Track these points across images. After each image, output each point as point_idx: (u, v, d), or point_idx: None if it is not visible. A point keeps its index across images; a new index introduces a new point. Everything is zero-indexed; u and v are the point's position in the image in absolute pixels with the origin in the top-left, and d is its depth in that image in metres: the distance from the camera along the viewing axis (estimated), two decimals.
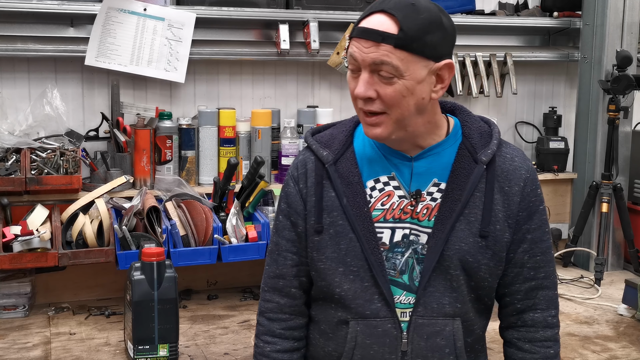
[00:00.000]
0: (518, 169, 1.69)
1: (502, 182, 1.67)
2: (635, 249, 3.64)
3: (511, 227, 1.68)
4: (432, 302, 1.65)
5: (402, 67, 1.54)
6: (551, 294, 1.74)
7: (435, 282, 1.65)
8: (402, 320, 1.66)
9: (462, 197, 1.64)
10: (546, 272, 1.73)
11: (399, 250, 1.67)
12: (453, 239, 1.64)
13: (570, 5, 3.84)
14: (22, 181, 2.88)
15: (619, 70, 3.49)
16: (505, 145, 1.72)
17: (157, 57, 3.23)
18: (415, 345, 1.65)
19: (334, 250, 1.67)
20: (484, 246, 1.65)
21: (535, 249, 1.71)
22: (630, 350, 2.69)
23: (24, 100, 3.19)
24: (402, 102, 1.58)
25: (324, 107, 3.57)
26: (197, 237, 2.95)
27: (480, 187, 1.66)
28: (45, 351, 2.59)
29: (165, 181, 3.23)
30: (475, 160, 1.66)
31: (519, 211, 1.68)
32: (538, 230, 1.71)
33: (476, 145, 1.68)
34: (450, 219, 1.64)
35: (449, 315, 1.66)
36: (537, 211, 1.70)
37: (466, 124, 1.72)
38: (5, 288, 2.93)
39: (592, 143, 3.75)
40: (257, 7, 3.38)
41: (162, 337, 2.45)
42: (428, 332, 1.65)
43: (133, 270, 2.45)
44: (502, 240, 1.67)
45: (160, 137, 3.24)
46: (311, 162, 1.72)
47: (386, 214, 1.67)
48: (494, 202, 1.66)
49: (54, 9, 3.10)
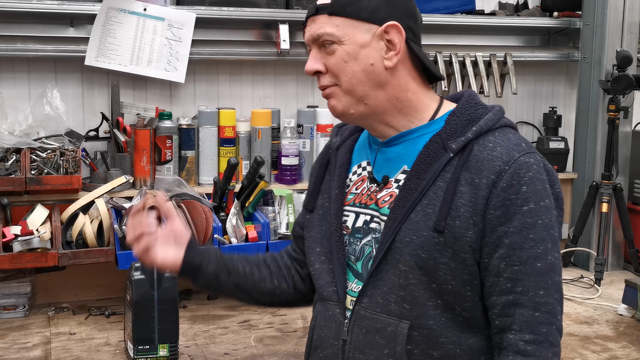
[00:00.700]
0: (494, 159, 1.45)
1: (473, 173, 1.46)
2: (635, 249, 3.64)
3: (477, 225, 1.45)
4: (378, 296, 1.52)
5: (338, 32, 1.52)
6: (527, 314, 1.44)
7: (385, 276, 1.51)
8: (349, 308, 1.57)
9: (420, 186, 1.49)
10: (524, 287, 1.44)
11: (358, 236, 1.59)
12: (405, 230, 1.48)
13: (570, 5, 3.84)
14: (22, 181, 2.88)
15: (619, 70, 3.49)
16: (498, 134, 1.50)
17: (157, 57, 3.23)
18: (354, 337, 1.55)
19: (317, 230, 1.67)
20: (441, 242, 1.46)
21: (513, 256, 1.44)
22: (630, 350, 2.69)
23: (24, 100, 3.19)
24: (346, 67, 1.52)
25: (324, 107, 3.56)
26: (197, 237, 2.94)
27: (446, 177, 1.47)
28: (45, 351, 2.59)
29: (165, 181, 3.23)
30: (445, 148, 1.49)
31: (489, 209, 1.44)
32: (517, 235, 1.44)
33: (453, 132, 1.51)
34: (404, 208, 1.49)
35: (394, 314, 1.49)
36: (519, 212, 1.44)
37: (457, 110, 1.55)
38: (5, 288, 2.93)
39: (592, 143, 3.75)
40: (257, 7, 3.38)
41: (162, 337, 2.45)
42: (367, 327, 1.53)
43: (133, 270, 2.45)
44: (464, 238, 1.45)
45: (160, 137, 3.24)
46: (325, 148, 1.76)
47: (355, 199, 1.63)
48: (456, 194, 1.45)
49: (54, 9, 3.10)
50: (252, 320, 2.92)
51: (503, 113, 1.56)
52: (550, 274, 1.46)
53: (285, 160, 3.41)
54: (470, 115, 1.53)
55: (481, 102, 1.57)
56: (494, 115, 1.53)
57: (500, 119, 1.53)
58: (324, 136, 3.47)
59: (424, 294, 1.48)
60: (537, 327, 1.45)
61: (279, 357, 2.58)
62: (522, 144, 1.49)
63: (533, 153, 1.48)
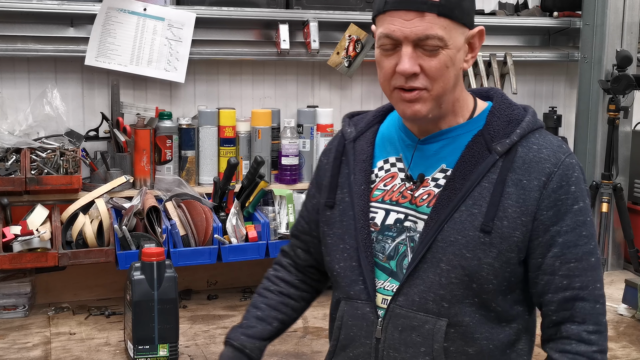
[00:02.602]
0: (543, 161, 1.49)
1: (520, 175, 1.49)
2: (635, 249, 3.64)
3: (526, 225, 1.48)
4: (415, 294, 1.52)
5: (446, 36, 1.44)
6: (589, 307, 1.50)
7: (424, 274, 1.51)
8: (381, 306, 1.56)
9: (465, 186, 1.49)
10: (582, 282, 1.50)
11: (390, 234, 1.58)
12: (449, 230, 1.49)
13: (570, 5, 3.84)
14: (22, 181, 2.88)
15: (619, 70, 3.49)
16: (539, 136, 1.53)
17: (157, 57, 3.23)
18: (389, 335, 1.55)
19: (339, 226, 1.63)
20: (487, 243, 1.47)
21: (568, 254, 1.49)
22: (630, 350, 2.69)
23: (24, 100, 3.19)
24: (446, 74, 1.47)
25: (324, 107, 3.57)
26: (197, 237, 2.95)
27: (492, 178, 1.49)
28: (45, 351, 2.59)
29: (165, 181, 3.23)
30: (489, 150, 1.51)
31: (541, 209, 1.48)
32: (571, 233, 1.49)
33: (496, 134, 1.52)
34: (448, 208, 1.49)
35: (431, 312, 1.51)
36: (570, 211, 1.49)
37: (495, 110, 1.56)
38: (5, 288, 2.93)
39: (592, 143, 3.75)
40: (257, 7, 3.38)
41: (162, 337, 2.45)
42: (403, 325, 1.53)
43: (133, 270, 2.45)
44: (511, 238, 1.48)
45: (160, 137, 3.24)
46: (337, 139, 1.71)
47: (385, 195, 1.60)
48: (504, 195, 1.48)
49: (54, 9, 3.10)
50: None
51: (536, 113, 1.59)
52: (601, 268, 1.55)
53: (285, 160, 3.41)
54: (509, 116, 1.54)
55: (514, 102, 1.59)
56: (533, 117, 1.55)
57: (537, 120, 1.57)
58: (324, 136, 3.47)
59: (463, 292, 1.50)
60: (599, 318, 1.52)
61: (279, 357, 2.58)
62: (562, 145, 1.54)
63: (573, 154, 1.54)
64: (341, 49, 3.47)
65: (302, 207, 1.81)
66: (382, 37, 1.47)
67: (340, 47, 3.48)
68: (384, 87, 1.53)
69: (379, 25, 1.49)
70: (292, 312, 1.80)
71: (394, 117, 1.66)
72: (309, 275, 1.81)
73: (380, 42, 1.48)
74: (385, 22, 1.46)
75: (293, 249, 1.82)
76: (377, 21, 1.50)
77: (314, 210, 1.73)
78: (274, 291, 1.78)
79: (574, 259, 1.50)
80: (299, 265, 1.81)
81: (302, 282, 1.80)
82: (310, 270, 1.81)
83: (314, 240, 1.75)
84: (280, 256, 1.85)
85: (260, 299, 1.78)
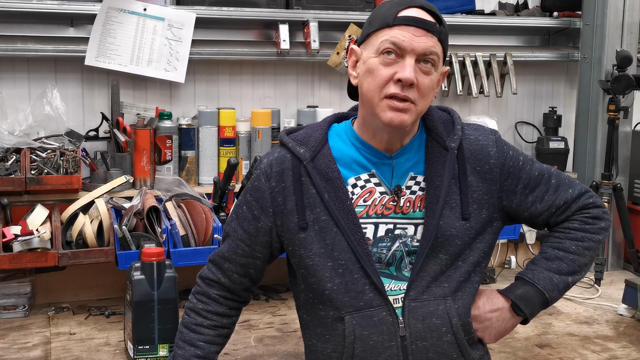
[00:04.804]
0: (483, 147, 1.75)
1: (473, 163, 1.74)
2: (635, 249, 3.64)
3: (490, 201, 1.75)
4: (423, 285, 1.70)
5: (439, 60, 1.65)
6: (576, 194, 1.80)
7: (427, 267, 1.71)
8: (395, 306, 1.69)
9: (443, 184, 1.70)
10: (547, 185, 1.78)
11: (384, 245, 1.71)
12: (443, 226, 1.70)
13: (570, 5, 3.84)
14: (22, 181, 2.88)
15: (619, 70, 3.49)
16: (467, 127, 1.78)
17: (157, 57, 3.23)
18: (413, 329, 1.68)
19: (320, 245, 1.68)
20: (468, 227, 1.73)
21: (532, 182, 1.78)
22: (630, 350, 2.69)
23: (24, 100, 3.19)
24: (431, 93, 1.67)
25: (323, 107, 3.57)
26: (197, 237, 2.95)
27: (454, 173, 1.72)
28: (45, 351, 2.59)
29: (165, 181, 3.23)
30: (446, 148, 1.72)
31: (502, 182, 1.76)
32: (527, 173, 1.78)
33: (442, 134, 1.73)
34: (438, 207, 1.69)
35: (438, 296, 1.70)
36: (518, 166, 1.77)
37: (427, 117, 1.76)
38: (5, 288, 2.93)
39: (592, 143, 3.75)
40: (257, 7, 3.38)
41: (162, 337, 2.45)
42: (423, 314, 1.69)
43: (133, 270, 2.45)
44: (481, 216, 1.74)
45: (160, 137, 3.24)
46: (288, 161, 1.73)
47: (369, 210, 1.71)
48: (468, 184, 1.72)
49: (54, 9, 3.10)
50: (252, 320, 2.92)
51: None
52: (546, 168, 1.82)
53: None
54: (440, 118, 1.77)
55: (431, 106, 1.79)
56: (457, 114, 1.81)
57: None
58: None
59: (455, 271, 1.72)
60: (573, 182, 1.82)
61: (279, 357, 2.59)
62: (485, 127, 1.81)
63: (492, 129, 1.82)
64: (341, 49, 3.47)
65: (236, 231, 1.81)
66: (388, 43, 1.61)
67: (340, 47, 3.48)
68: (372, 94, 1.64)
69: (381, 36, 1.63)
70: (227, 338, 1.89)
71: (340, 135, 1.75)
72: (240, 295, 1.87)
73: (384, 47, 1.62)
74: (393, 33, 1.62)
75: (226, 275, 1.84)
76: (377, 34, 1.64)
77: (258, 233, 1.77)
78: (209, 326, 1.84)
79: (537, 181, 1.78)
80: (233, 290, 1.84)
81: (232, 308, 1.87)
82: (244, 293, 1.87)
83: (256, 262, 1.81)
84: (204, 286, 1.86)
85: (196, 336, 1.83)
